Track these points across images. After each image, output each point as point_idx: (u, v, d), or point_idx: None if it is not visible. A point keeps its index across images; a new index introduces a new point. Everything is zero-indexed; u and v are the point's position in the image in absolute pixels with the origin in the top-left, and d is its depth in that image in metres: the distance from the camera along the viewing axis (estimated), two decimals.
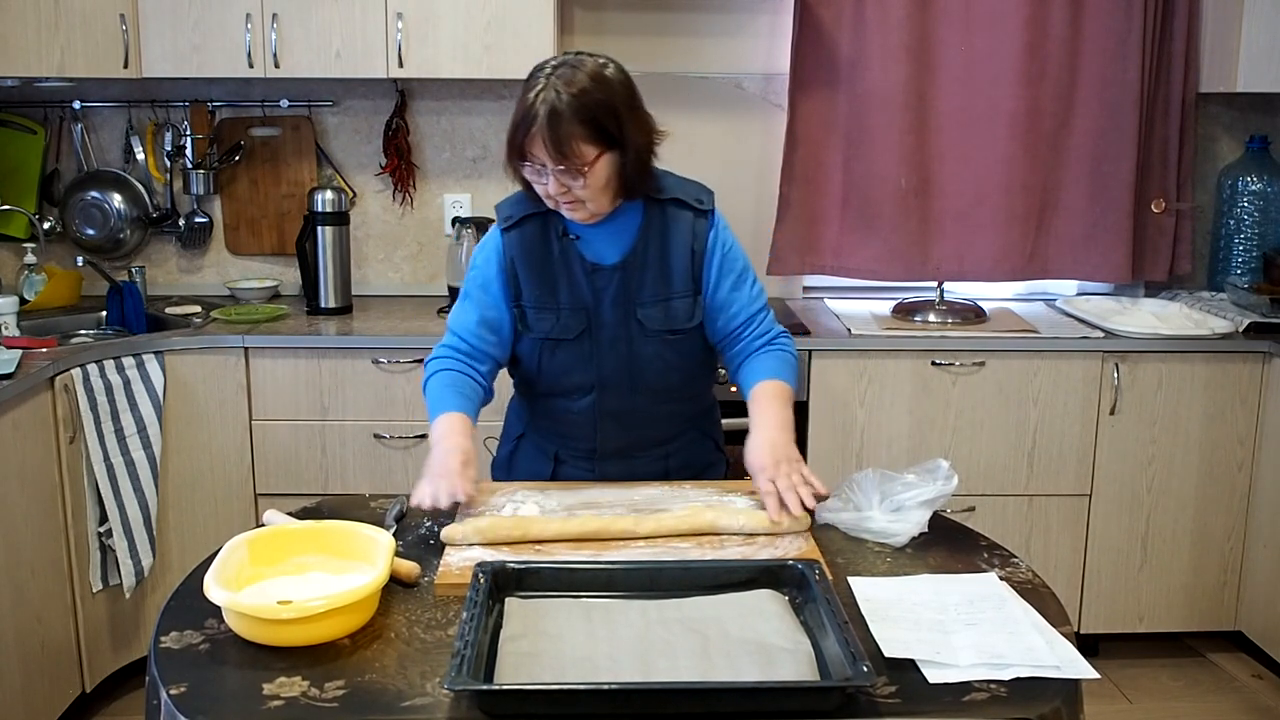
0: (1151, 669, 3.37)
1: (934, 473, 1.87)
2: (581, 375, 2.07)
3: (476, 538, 1.77)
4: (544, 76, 1.91)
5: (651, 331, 2.04)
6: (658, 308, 2.03)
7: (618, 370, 2.06)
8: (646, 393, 2.08)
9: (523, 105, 1.90)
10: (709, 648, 1.43)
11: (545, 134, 1.86)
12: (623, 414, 2.08)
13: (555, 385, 2.11)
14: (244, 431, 3.14)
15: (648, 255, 2.02)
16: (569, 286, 2.03)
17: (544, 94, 1.88)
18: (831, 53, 3.47)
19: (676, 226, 2.03)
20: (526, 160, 1.91)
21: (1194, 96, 3.52)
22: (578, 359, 2.06)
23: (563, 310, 2.04)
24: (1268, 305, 3.31)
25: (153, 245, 3.67)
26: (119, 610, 3.05)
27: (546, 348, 2.07)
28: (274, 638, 1.47)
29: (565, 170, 1.89)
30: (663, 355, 2.06)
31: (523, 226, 2.05)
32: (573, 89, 1.88)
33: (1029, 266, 3.58)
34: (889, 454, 3.19)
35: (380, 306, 3.52)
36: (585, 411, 2.09)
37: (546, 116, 1.86)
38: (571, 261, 2.03)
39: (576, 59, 1.94)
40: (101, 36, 3.15)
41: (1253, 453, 3.25)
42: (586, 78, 1.90)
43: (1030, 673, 1.41)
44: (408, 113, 3.59)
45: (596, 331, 2.04)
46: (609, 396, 2.08)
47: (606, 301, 2.03)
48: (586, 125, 1.88)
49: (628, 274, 2.02)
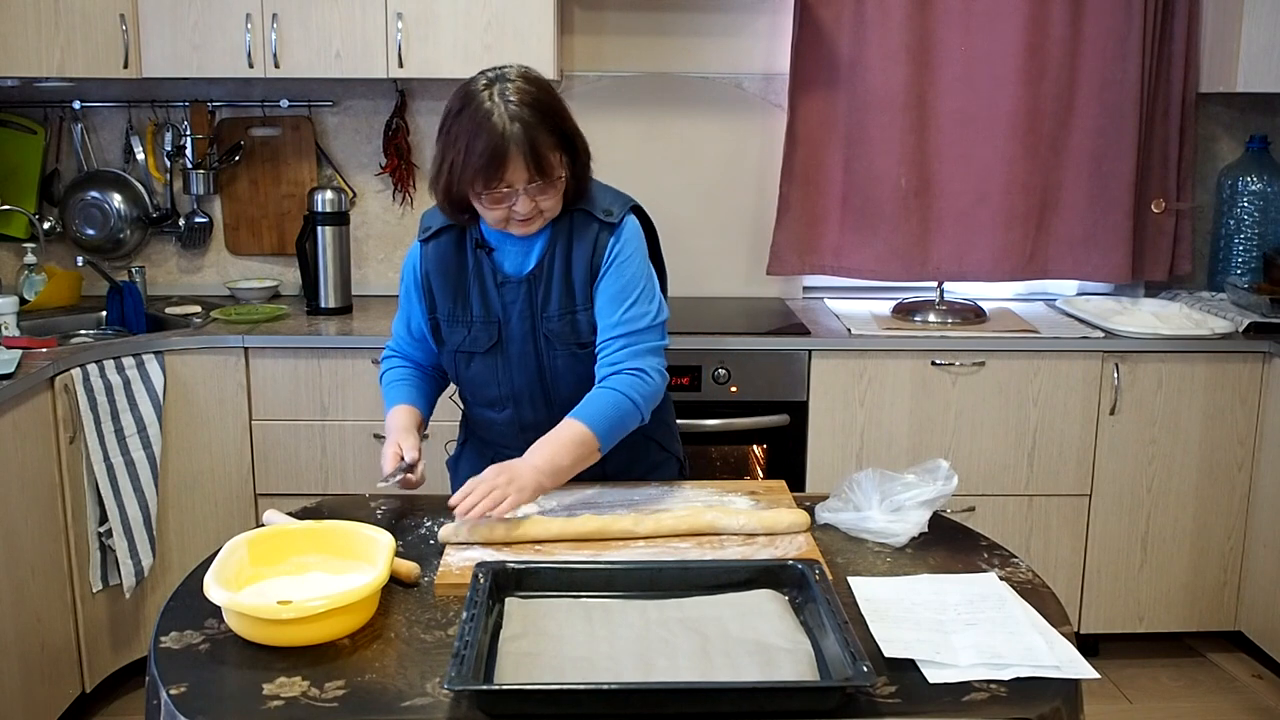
0: (1151, 669, 3.37)
1: (934, 473, 1.87)
2: (495, 389, 2.05)
3: (476, 538, 1.77)
4: (487, 100, 1.85)
5: (559, 345, 2.00)
6: (563, 321, 1.99)
7: (530, 384, 2.03)
8: (562, 405, 1.99)
9: (484, 132, 1.82)
10: (709, 648, 1.43)
11: (525, 151, 1.82)
12: (542, 426, 1.97)
13: (476, 396, 2.10)
14: (244, 431, 3.14)
15: (553, 268, 1.98)
16: (481, 299, 2.01)
17: (502, 113, 1.82)
18: (831, 53, 3.47)
19: (580, 238, 1.98)
20: (496, 186, 1.85)
21: (1194, 96, 3.52)
22: (490, 372, 2.04)
23: (474, 323, 2.02)
24: (1268, 305, 3.30)
25: (153, 245, 3.67)
26: (119, 610, 3.05)
27: (461, 360, 2.05)
28: (274, 638, 1.47)
29: (539, 185, 1.86)
30: (573, 369, 2.02)
31: (440, 238, 2.03)
32: (526, 99, 1.84)
33: (1029, 266, 3.58)
34: (889, 454, 3.19)
35: (380, 306, 3.52)
36: (507, 423, 2.08)
37: (522, 132, 1.82)
38: (484, 273, 2.01)
39: (499, 72, 1.90)
40: (101, 36, 3.15)
41: (1253, 453, 3.25)
42: (527, 84, 1.87)
43: (1030, 673, 1.41)
44: (408, 113, 3.59)
45: (507, 345, 2.02)
46: (524, 410, 2.06)
47: (515, 315, 2.00)
48: (551, 132, 1.86)
49: (533, 287, 1.99)
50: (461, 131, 1.86)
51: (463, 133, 1.85)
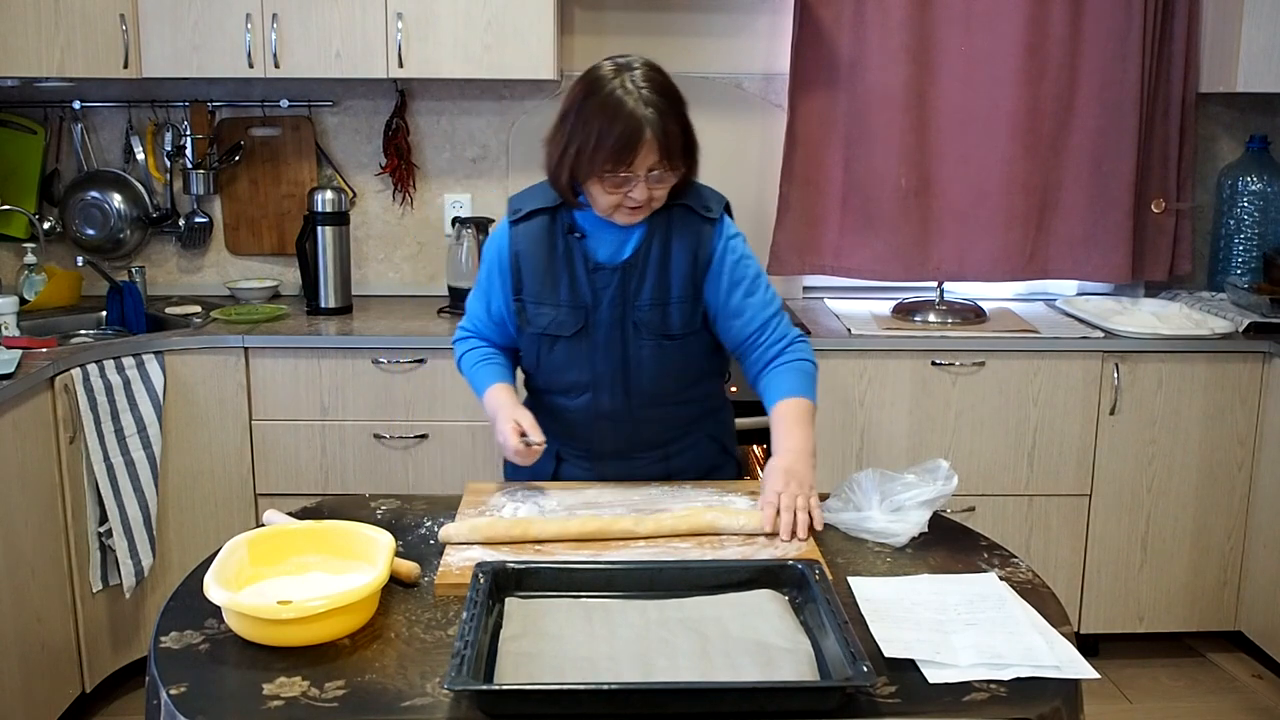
0: (1151, 669, 3.37)
1: (934, 473, 1.87)
2: (576, 373, 2.07)
3: (476, 537, 1.77)
4: (618, 86, 1.88)
5: (646, 334, 2.04)
6: (654, 311, 2.03)
7: (612, 371, 2.06)
8: (641, 395, 2.07)
9: (618, 116, 1.86)
10: (709, 648, 1.43)
11: (659, 136, 1.86)
12: (618, 415, 2.08)
13: (552, 382, 2.12)
14: (244, 431, 3.14)
15: (649, 258, 2.02)
16: (570, 283, 2.03)
17: (638, 100, 1.86)
18: (831, 53, 3.47)
19: (681, 232, 2.02)
20: (624, 170, 1.89)
21: (1194, 96, 3.52)
22: (573, 357, 2.06)
23: (561, 307, 2.04)
24: (1268, 305, 3.30)
25: (153, 245, 3.67)
26: (119, 610, 3.05)
27: (544, 343, 2.07)
28: (274, 638, 1.47)
29: (659, 173, 1.90)
30: (658, 359, 2.05)
31: (531, 220, 2.05)
32: (658, 88, 1.89)
33: (1029, 266, 3.58)
34: (889, 454, 3.19)
35: (380, 306, 3.52)
36: (581, 410, 2.10)
37: (658, 121, 1.86)
38: (575, 259, 2.03)
39: (624, 62, 1.93)
40: (101, 36, 3.15)
41: (1253, 453, 3.25)
42: (657, 74, 1.91)
43: (1030, 673, 1.41)
44: (408, 113, 3.59)
45: (593, 330, 2.04)
46: (603, 396, 2.08)
47: (605, 301, 2.03)
48: (679, 123, 1.91)
49: (627, 275, 2.02)
50: (591, 116, 1.88)
51: (593, 118, 1.88)
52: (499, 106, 3.59)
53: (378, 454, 3.17)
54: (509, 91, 3.58)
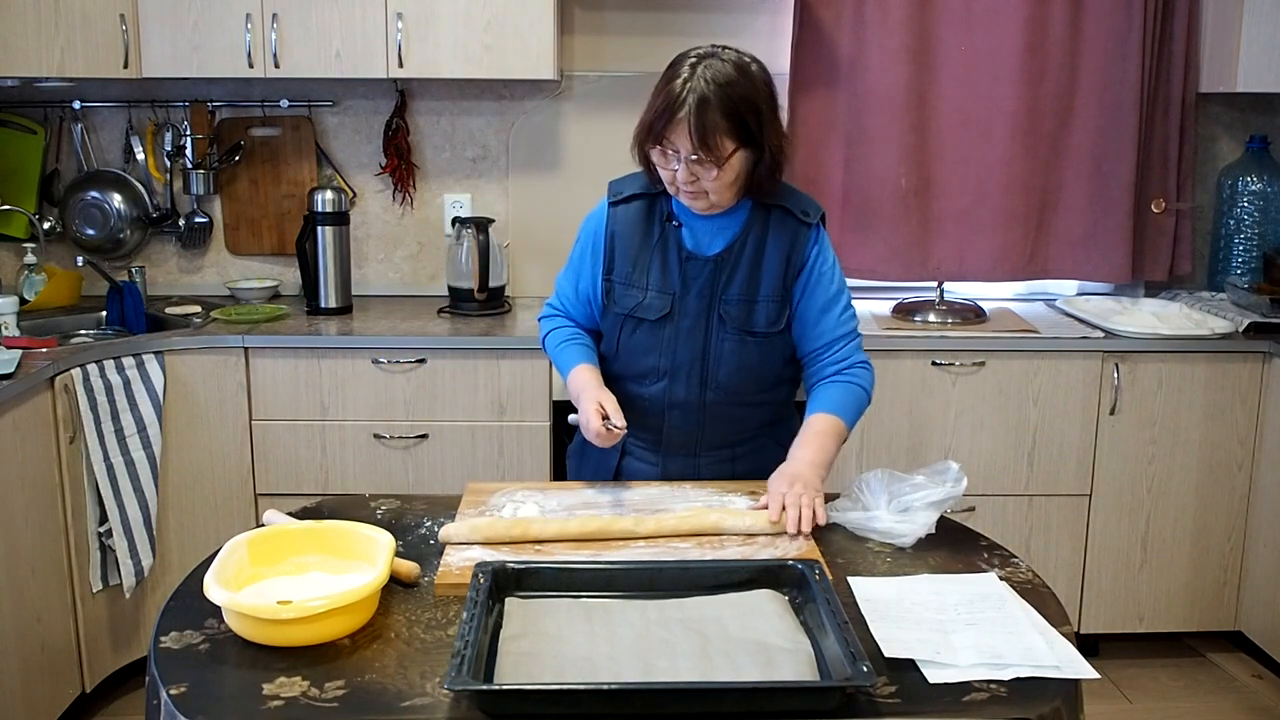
0: (1151, 669, 3.37)
1: (943, 474, 1.87)
2: (655, 359, 2.09)
3: (476, 537, 1.77)
4: (689, 66, 1.92)
5: (730, 328, 2.05)
6: (741, 306, 2.05)
7: (691, 361, 2.07)
8: (717, 389, 2.08)
9: (667, 93, 1.91)
10: (709, 648, 1.43)
11: (692, 122, 1.88)
12: (690, 405, 2.09)
13: (630, 367, 2.12)
14: (244, 431, 3.14)
15: (743, 254, 2.04)
16: (661, 269, 2.06)
17: (692, 83, 1.89)
18: (831, 53, 3.47)
19: (777, 232, 2.05)
20: (661, 144, 1.93)
21: (1194, 96, 3.52)
22: (654, 342, 2.08)
23: (650, 291, 2.07)
24: (1268, 305, 3.30)
25: (153, 245, 3.67)
26: (119, 610, 3.05)
27: (627, 325, 2.09)
28: (274, 638, 1.47)
29: (700, 161, 1.92)
30: (738, 354, 2.07)
31: (630, 204, 2.09)
32: (720, 79, 1.90)
33: (1029, 266, 3.58)
34: (889, 454, 3.19)
35: (380, 306, 3.52)
36: (655, 399, 2.10)
37: (695, 105, 1.88)
38: (669, 246, 2.06)
39: (723, 51, 1.95)
40: (101, 36, 3.15)
41: (1253, 453, 3.25)
42: (734, 71, 1.92)
43: (1030, 673, 1.41)
44: (408, 113, 3.59)
45: (678, 318, 2.06)
46: (679, 386, 2.09)
47: (694, 291, 2.05)
48: (731, 119, 1.91)
49: (719, 268, 2.04)
50: (657, 89, 1.95)
51: (657, 91, 1.95)
52: (499, 106, 3.59)
53: (378, 454, 3.17)
54: (509, 91, 3.58)
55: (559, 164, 3.62)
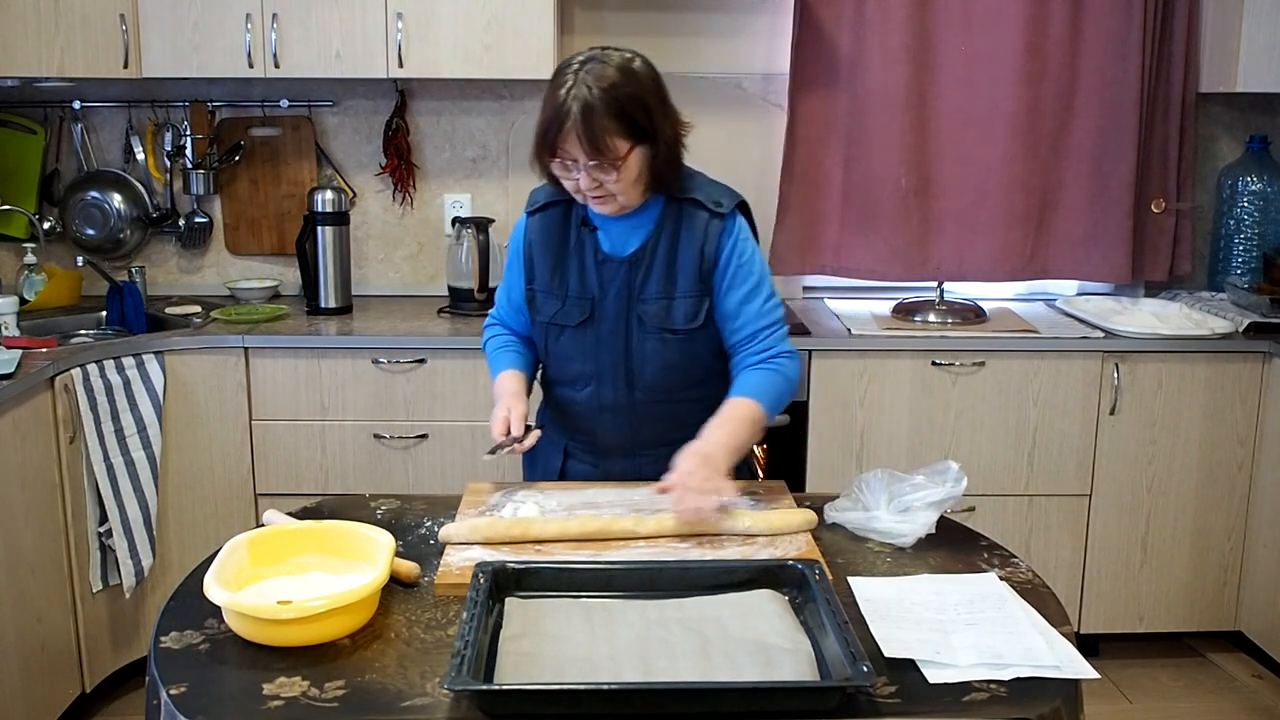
0: (1151, 669, 3.37)
1: (943, 474, 1.87)
2: (581, 364, 2.09)
3: (476, 537, 1.77)
4: (572, 73, 1.92)
5: (650, 328, 2.05)
6: (659, 305, 2.04)
7: (615, 364, 2.07)
8: (644, 390, 2.08)
9: (553, 102, 1.91)
10: (709, 648, 1.43)
11: (579, 129, 1.88)
12: (621, 409, 2.09)
13: (559, 372, 2.14)
14: (244, 431, 3.14)
15: (657, 252, 2.04)
16: (579, 274, 2.06)
17: (575, 90, 1.89)
18: (831, 53, 3.47)
19: (690, 226, 2.04)
20: (557, 156, 1.93)
21: (1194, 96, 3.52)
22: (578, 347, 2.09)
23: (569, 297, 2.07)
24: (1268, 305, 3.30)
25: (153, 245, 3.67)
26: (119, 610, 3.05)
27: (551, 333, 2.10)
28: (274, 638, 1.47)
29: (598, 165, 1.91)
30: (660, 354, 2.06)
31: (547, 211, 2.10)
32: (603, 83, 1.89)
33: (1029, 266, 3.57)
34: (889, 454, 3.19)
35: (380, 306, 3.52)
36: (586, 403, 2.11)
37: (580, 112, 1.88)
38: (585, 250, 2.06)
39: (603, 54, 1.95)
40: (101, 36, 3.15)
41: (1253, 453, 3.25)
42: (615, 71, 1.92)
43: (1030, 673, 1.41)
44: (408, 113, 3.59)
45: (598, 322, 2.06)
46: (606, 389, 2.09)
47: (611, 293, 2.05)
48: (619, 119, 1.90)
49: (634, 268, 2.04)
50: (543, 102, 1.95)
51: (543, 104, 1.94)
52: (499, 106, 3.59)
53: (378, 454, 3.17)
54: (509, 91, 3.58)
55: None
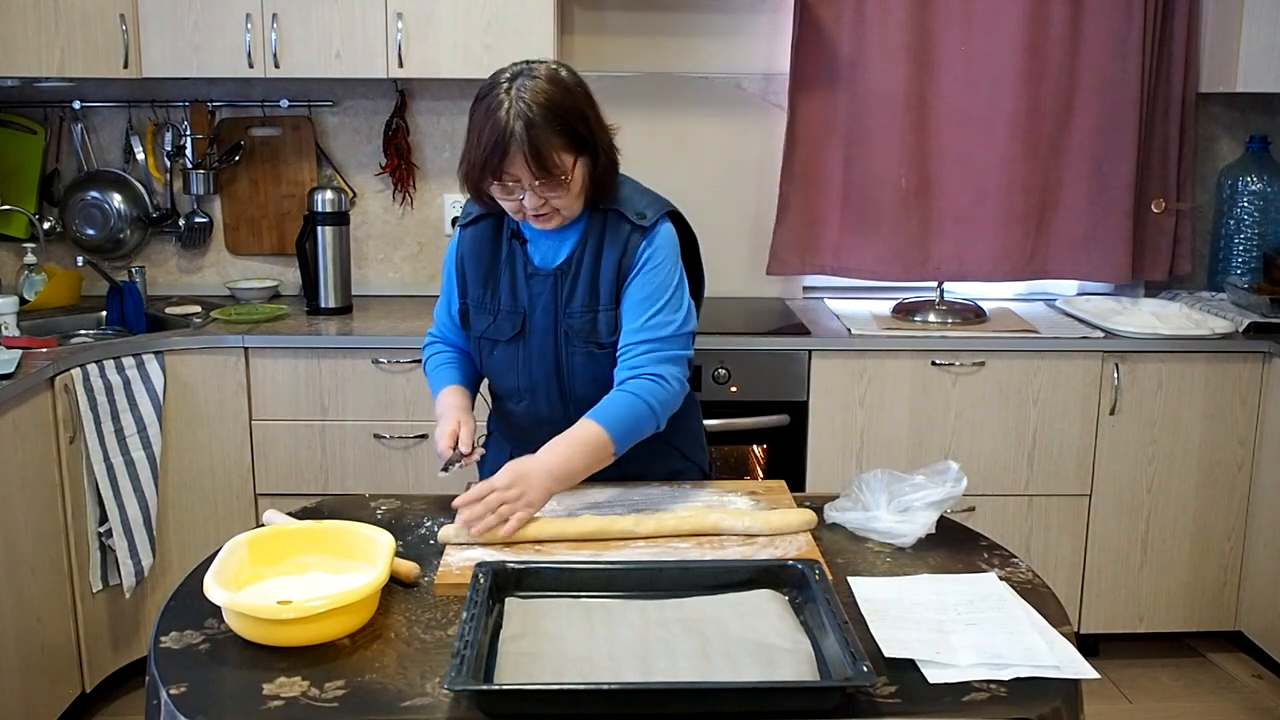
0: (1151, 669, 3.37)
1: (943, 474, 1.87)
2: (515, 379, 2.07)
3: (476, 538, 1.77)
4: (504, 92, 1.85)
5: (578, 342, 2.01)
6: (584, 318, 1.99)
7: (547, 377, 2.04)
8: (577, 402, 2.01)
9: (490, 125, 1.84)
10: (709, 648, 1.43)
11: (525, 149, 1.82)
12: (557, 421, 1.99)
13: (496, 386, 2.13)
14: (244, 431, 3.14)
15: (581, 265, 1.99)
16: (510, 288, 2.03)
17: (512, 109, 1.83)
18: (831, 53, 3.47)
19: (612, 238, 1.98)
20: (500, 179, 1.87)
21: (1194, 96, 3.52)
22: (510, 362, 2.06)
23: (500, 312, 2.04)
24: (1268, 305, 3.30)
25: (153, 245, 3.67)
26: (119, 610, 3.05)
27: (485, 347, 2.08)
28: (274, 638, 1.47)
29: (545, 183, 1.87)
30: (589, 367, 2.02)
31: (478, 225, 2.06)
32: (540, 98, 1.84)
33: (1029, 266, 3.58)
34: (889, 454, 3.19)
35: (380, 306, 3.52)
36: (523, 415, 2.09)
37: (524, 132, 1.82)
38: (515, 263, 2.03)
39: (526, 68, 1.90)
40: (101, 36, 3.15)
41: (1253, 453, 3.25)
42: (548, 84, 1.86)
43: (1030, 673, 1.41)
44: (408, 113, 3.59)
45: (529, 337, 2.03)
46: (540, 403, 2.06)
47: (539, 307, 2.01)
48: (562, 134, 1.85)
49: (559, 281, 2.00)
50: (475, 122, 1.89)
51: (476, 123, 1.88)
52: None
53: (378, 454, 3.17)
54: None
55: None
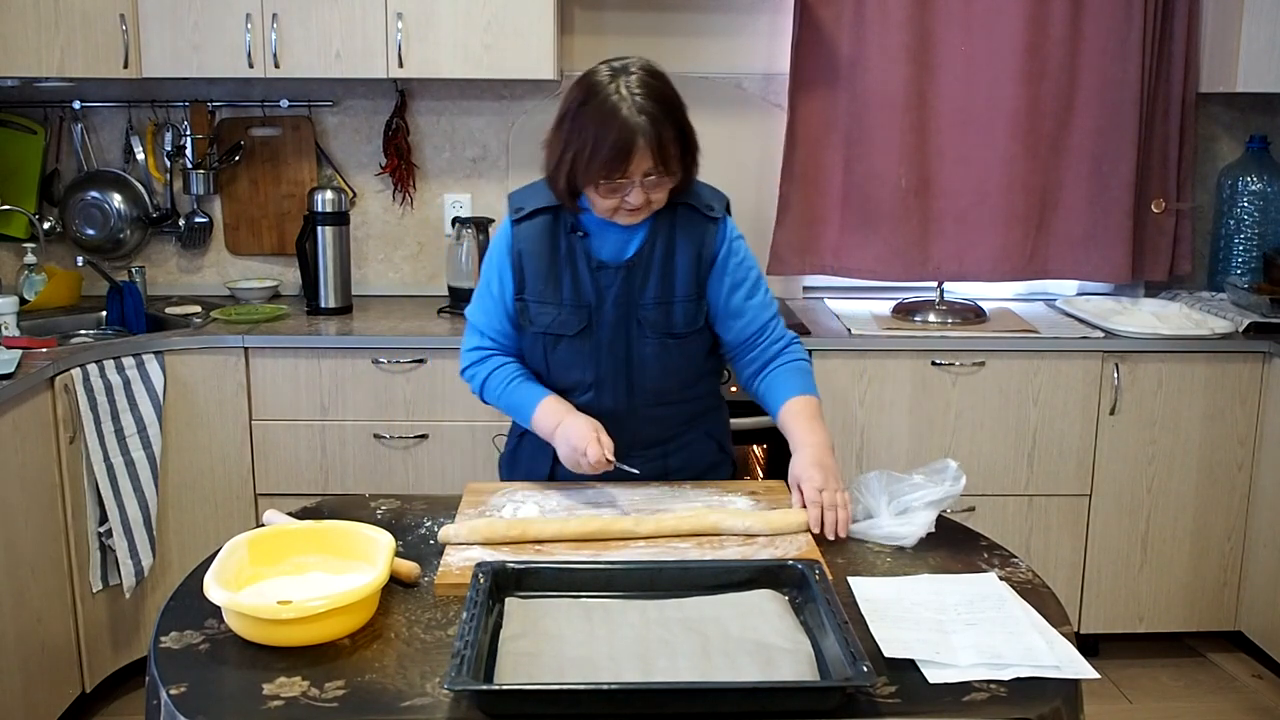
0: (1151, 669, 3.37)
1: (942, 473, 1.87)
2: (580, 372, 2.07)
3: (475, 538, 1.77)
4: (612, 92, 1.86)
5: (650, 333, 2.04)
6: (659, 310, 2.03)
7: (615, 369, 2.06)
8: (643, 393, 2.08)
9: (613, 125, 1.85)
10: (709, 648, 1.43)
11: (654, 145, 1.85)
12: (619, 413, 2.07)
13: (555, 381, 2.11)
14: (244, 431, 3.14)
15: (654, 257, 2.02)
16: (573, 283, 2.04)
17: (630, 106, 1.85)
18: (831, 53, 3.47)
19: (685, 231, 2.03)
20: (625, 176, 1.88)
21: (1194, 96, 3.52)
22: (577, 356, 2.07)
23: (565, 306, 2.04)
24: (1268, 305, 3.30)
25: (153, 245, 3.67)
26: (119, 610, 3.05)
27: (548, 342, 2.07)
28: (274, 638, 1.47)
29: (656, 178, 1.89)
30: (661, 357, 2.06)
31: (534, 219, 2.05)
32: (654, 94, 1.87)
33: (1029, 266, 3.58)
34: (889, 454, 3.19)
35: (380, 306, 3.52)
36: (583, 409, 2.08)
37: (650, 127, 1.85)
38: (577, 258, 2.03)
39: (622, 65, 1.92)
40: (101, 36, 3.15)
41: (1253, 453, 3.25)
42: (653, 80, 1.90)
43: (1030, 673, 1.41)
44: (408, 113, 3.59)
45: (597, 329, 2.05)
46: (605, 395, 2.08)
47: (609, 300, 2.03)
48: (675, 127, 1.90)
49: (632, 274, 2.02)
50: (587, 123, 1.88)
51: (588, 125, 1.87)
52: (499, 106, 3.59)
53: (378, 454, 3.17)
54: (509, 91, 3.58)
55: None
